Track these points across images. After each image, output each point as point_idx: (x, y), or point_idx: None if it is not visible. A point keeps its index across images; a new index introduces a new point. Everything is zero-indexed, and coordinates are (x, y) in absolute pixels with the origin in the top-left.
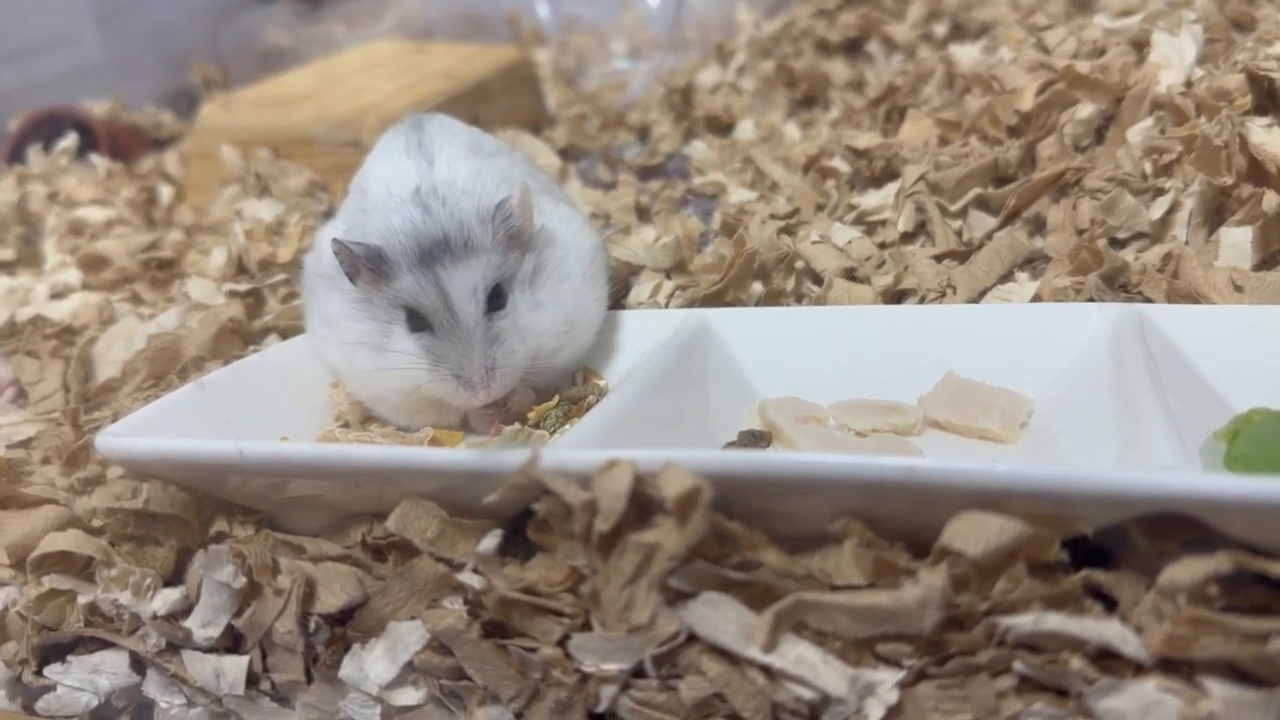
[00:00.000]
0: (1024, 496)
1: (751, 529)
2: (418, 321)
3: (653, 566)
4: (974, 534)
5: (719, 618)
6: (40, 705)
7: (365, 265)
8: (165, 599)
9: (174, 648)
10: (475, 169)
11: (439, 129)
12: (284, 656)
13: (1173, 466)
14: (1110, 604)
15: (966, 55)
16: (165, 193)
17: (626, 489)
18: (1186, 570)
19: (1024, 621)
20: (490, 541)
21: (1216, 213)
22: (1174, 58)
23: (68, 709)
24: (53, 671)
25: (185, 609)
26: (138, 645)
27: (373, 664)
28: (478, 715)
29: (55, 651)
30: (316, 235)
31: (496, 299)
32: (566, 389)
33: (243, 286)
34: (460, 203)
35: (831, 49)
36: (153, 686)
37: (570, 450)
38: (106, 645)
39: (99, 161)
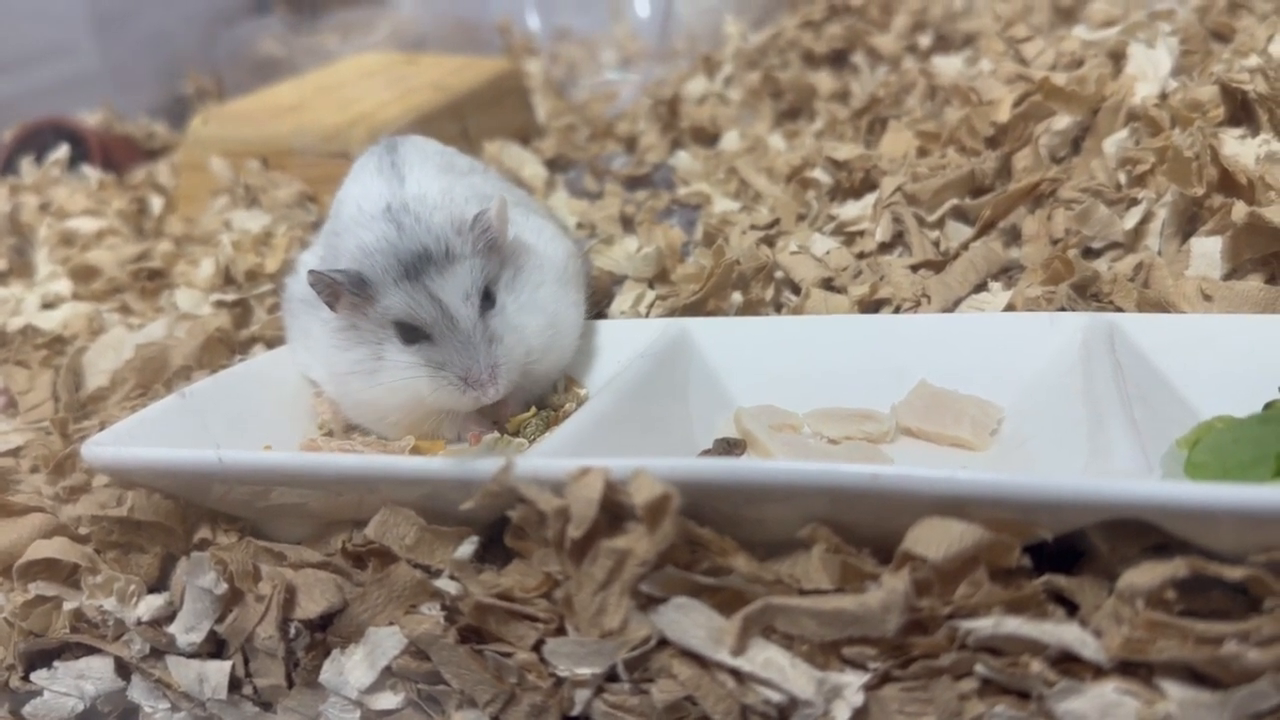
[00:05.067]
0: (985, 503)
1: (723, 536)
2: (412, 334)
3: (624, 572)
4: (935, 539)
5: (689, 622)
6: (27, 710)
7: (348, 290)
8: (149, 605)
9: (158, 653)
10: (446, 185)
11: (412, 149)
12: (265, 662)
13: (1132, 474)
14: (1072, 608)
15: (949, 67)
16: (156, 203)
17: (598, 496)
18: (1145, 575)
19: (984, 625)
20: (466, 548)
21: (1189, 223)
22: (1149, 69)
23: (54, 714)
24: (39, 677)
25: (169, 615)
26: (122, 651)
27: (352, 669)
28: (455, 719)
29: (42, 657)
30: (298, 259)
31: (486, 300)
32: (547, 397)
33: (230, 297)
34: (433, 217)
35: (817, 60)
36: (137, 692)
37: (544, 458)
38: (92, 651)
39: (90, 172)
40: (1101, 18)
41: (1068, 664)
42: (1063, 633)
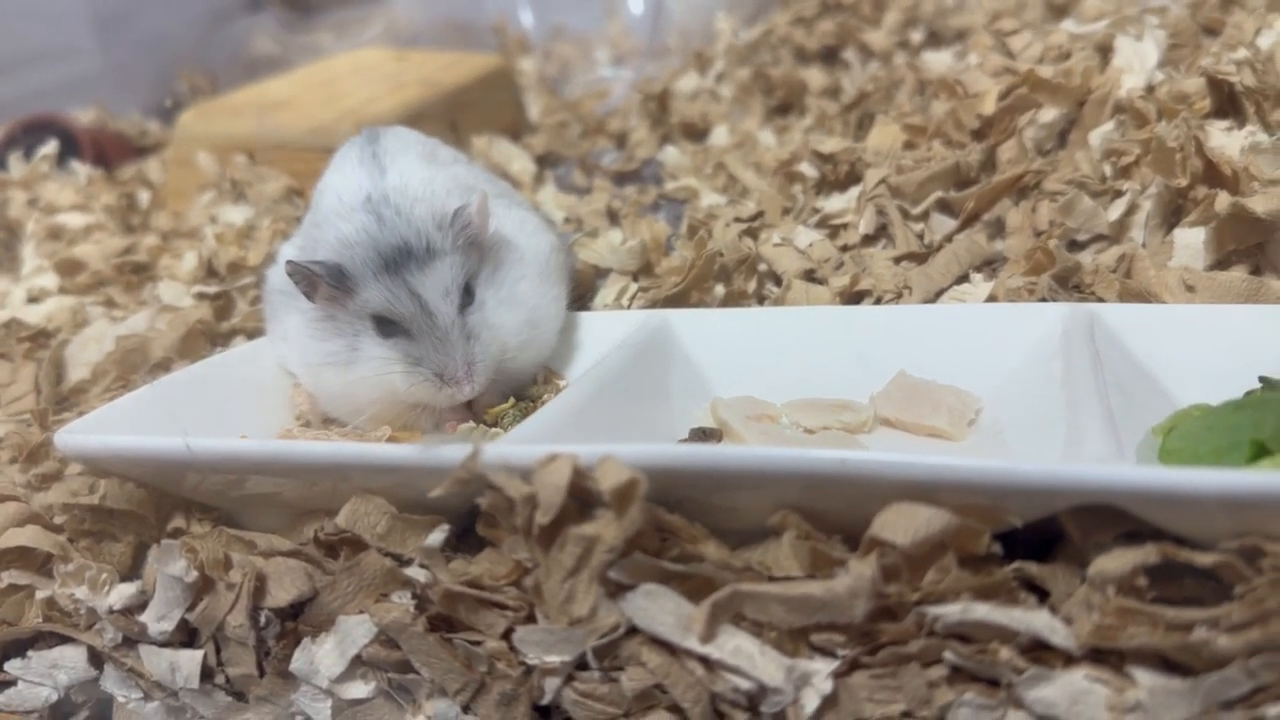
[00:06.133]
0: (952, 488)
1: (693, 523)
2: (389, 328)
3: (592, 559)
4: (902, 524)
5: (658, 609)
6: (1, 700)
7: (327, 282)
8: (121, 594)
9: (130, 642)
10: (428, 177)
11: (394, 140)
12: (237, 650)
13: (1101, 459)
14: (1045, 596)
15: (938, 62)
16: (145, 199)
17: (566, 482)
18: (1115, 561)
19: (951, 611)
20: (437, 536)
21: (1174, 214)
22: (1136, 62)
23: (28, 704)
24: (13, 667)
25: (141, 604)
26: (95, 640)
27: (323, 657)
28: (426, 708)
29: (15, 647)
30: (279, 250)
31: (466, 295)
32: (525, 388)
33: (212, 289)
34: (414, 209)
35: (809, 56)
36: (110, 681)
37: (512, 445)
38: (65, 640)
39: (80, 168)
40: (1093, 13)
41: (1038, 652)
42: (1032, 619)
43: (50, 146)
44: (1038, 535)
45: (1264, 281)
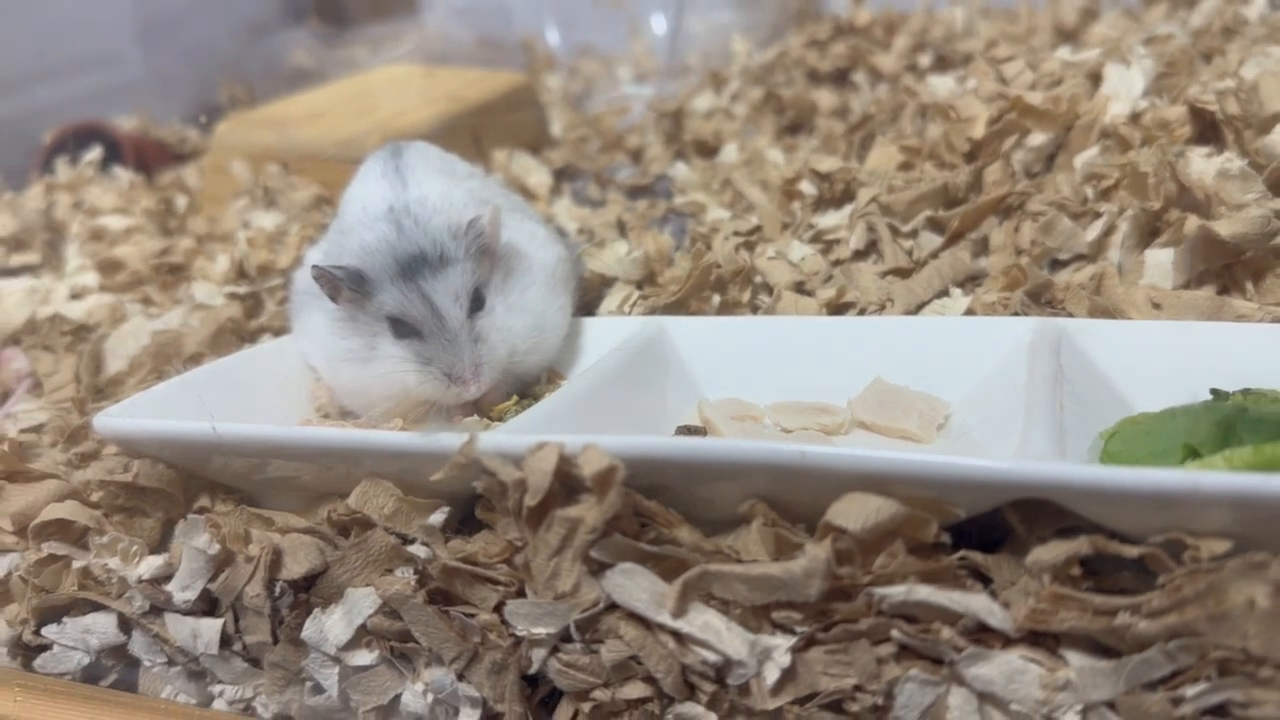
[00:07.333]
0: (901, 481)
1: (669, 509)
2: (403, 329)
3: (576, 539)
4: (854, 512)
5: (634, 586)
6: (38, 663)
7: (348, 286)
8: (150, 565)
9: (157, 610)
10: (446, 190)
11: (415, 154)
12: (253, 619)
13: (1036, 458)
14: (990, 583)
15: (942, 86)
16: (182, 203)
17: (552, 468)
18: (1051, 551)
19: (897, 592)
20: (437, 517)
21: (1150, 235)
22: (1123, 90)
23: (62, 666)
24: (49, 631)
25: (167, 574)
26: (125, 607)
27: (331, 627)
28: (424, 675)
29: (52, 613)
30: (306, 254)
31: (475, 302)
32: (529, 387)
33: (242, 289)
34: (431, 220)
35: (821, 78)
36: (138, 646)
37: (505, 434)
38: (97, 607)
39: (122, 173)
40: (1098, 39)
41: (979, 633)
42: (971, 602)
43: (95, 152)
44: (993, 530)
45: (1226, 300)
